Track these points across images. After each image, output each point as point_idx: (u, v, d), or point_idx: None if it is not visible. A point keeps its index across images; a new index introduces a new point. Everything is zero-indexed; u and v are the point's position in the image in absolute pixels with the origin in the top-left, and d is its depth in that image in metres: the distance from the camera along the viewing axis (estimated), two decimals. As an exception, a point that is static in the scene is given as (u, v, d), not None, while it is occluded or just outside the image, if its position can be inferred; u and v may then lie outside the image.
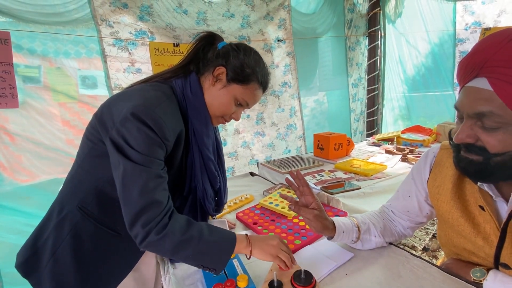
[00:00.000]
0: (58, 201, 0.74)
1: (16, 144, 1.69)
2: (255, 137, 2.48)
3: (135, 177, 0.61)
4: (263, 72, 0.77)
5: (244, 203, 1.23)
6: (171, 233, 0.60)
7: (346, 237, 0.77)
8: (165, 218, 0.61)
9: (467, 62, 0.56)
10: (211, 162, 0.80)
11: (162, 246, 0.60)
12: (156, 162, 0.63)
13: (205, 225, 0.66)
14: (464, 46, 2.39)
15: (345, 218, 0.81)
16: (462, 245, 0.68)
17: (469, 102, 0.55)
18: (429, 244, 1.79)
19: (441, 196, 0.70)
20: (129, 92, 0.70)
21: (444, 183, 0.70)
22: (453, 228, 0.69)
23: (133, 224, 0.60)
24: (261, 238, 0.70)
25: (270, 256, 0.67)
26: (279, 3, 2.41)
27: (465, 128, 0.56)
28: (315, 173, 1.42)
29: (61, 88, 1.80)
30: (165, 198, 0.63)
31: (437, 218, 0.77)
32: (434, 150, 0.78)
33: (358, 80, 3.06)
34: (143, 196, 0.60)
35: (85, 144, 0.72)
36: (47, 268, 0.70)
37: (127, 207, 0.61)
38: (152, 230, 0.59)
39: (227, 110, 0.76)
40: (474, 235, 0.63)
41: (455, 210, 0.67)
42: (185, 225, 0.63)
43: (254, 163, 2.49)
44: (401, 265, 0.74)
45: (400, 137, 1.98)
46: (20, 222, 1.66)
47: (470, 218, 0.64)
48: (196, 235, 0.62)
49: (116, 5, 1.74)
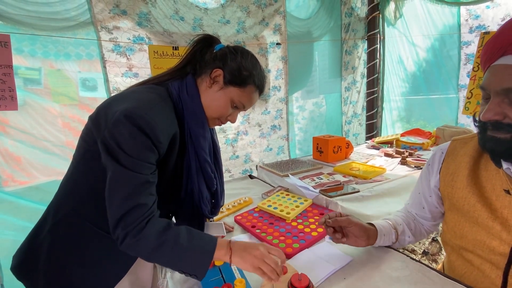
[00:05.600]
0: (53, 204, 0.74)
1: (16, 145, 1.69)
2: (238, 136, 2.52)
3: (122, 182, 0.61)
4: (260, 75, 0.77)
5: (242, 206, 1.22)
6: (146, 237, 0.60)
7: (387, 240, 0.79)
8: (143, 222, 0.60)
9: (494, 42, 0.58)
10: (207, 164, 0.80)
11: (138, 249, 0.60)
12: (146, 166, 0.63)
13: (184, 230, 0.63)
14: (470, 49, 2.38)
15: (381, 221, 0.82)
16: (473, 235, 0.66)
17: (496, 79, 0.56)
18: (429, 248, 1.77)
19: (456, 183, 0.70)
20: (123, 94, 0.70)
21: (459, 169, 0.71)
22: (468, 214, 0.67)
23: (115, 227, 0.60)
24: (244, 246, 0.65)
25: (251, 267, 0.62)
26: (275, 9, 2.44)
27: (493, 105, 0.56)
28: (314, 176, 1.42)
29: (61, 90, 1.81)
30: (149, 202, 0.63)
31: (446, 211, 0.76)
32: (441, 146, 0.79)
33: (352, 83, 3.08)
34: (127, 201, 0.60)
35: (80, 147, 0.72)
36: (42, 271, 0.69)
37: (111, 210, 0.61)
38: (129, 233, 0.59)
39: (223, 112, 0.76)
40: (491, 219, 0.62)
41: (471, 196, 0.66)
42: (161, 230, 0.61)
43: (234, 158, 2.54)
44: (400, 269, 0.74)
45: (400, 140, 1.97)
46: (20, 222, 1.67)
47: (487, 204, 0.64)
48: (171, 240, 0.61)
49: (115, 12, 1.77)
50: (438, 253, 1.72)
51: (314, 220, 1.01)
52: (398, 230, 0.81)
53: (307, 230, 0.94)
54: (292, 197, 1.20)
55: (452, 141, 0.77)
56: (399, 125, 3.10)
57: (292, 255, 0.82)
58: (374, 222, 0.79)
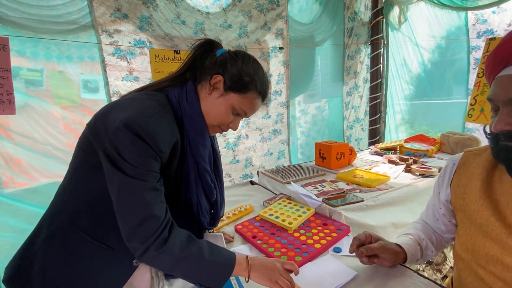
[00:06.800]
0: (48, 214, 0.71)
1: (16, 147, 1.68)
2: (239, 140, 2.50)
3: (130, 191, 0.60)
4: (262, 81, 0.75)
5: (243, 214, 1.19)
6: (170, 249, 0.59)
7: (413, 259, 0.77)
8: (165, 232, 0.60)
9: (495, 54, 0.58)
10: (207, 174, 0.78)
11: (160, 261, 0.60)
12: (152, 175, 0.62)
13: (206, 244, 0.65)
14: (479, 53, 2.34)
15: (404, 238, 0.80)
16: (486, 250, 0.64)
17: (502, 90, 0.56)
18: (433, 257, 1.74)
19: (468, 196, 0.68)
20: (122, 101, 0.68)
21: (471, 181, 0.69)
22: (481, 229, 0.65)
23: (130, 240, 0.60)
24: (262, 261, 0.67)
25: (269, 281, 0.64)
26: (277, 13, 2.42)
27: (503, 116, 0.56)
28: (317, 183, 1.39)
29: (63, 92, 1.80)
30: (162, 211, 0.62)
31: (459, 223, 0.74)
32: (453, 158, 0.77)
33: (353, 88, 3.05)
34: (140, 210, 0.59)
35: (78, 155, 0.69)
36: (35, 283, 0.67)
37: (124, 222, 0.60)
38: (151, 246, 0.58)
39: (224, 119, 0.74)
40: (506, 235, 0.60)
41: (484, 209, 0.64)
42: (185, 242, 0.62)
43: (235, 162, 2.53)
44: (407, 286, 0.71)
45: (403, 147, 1.94)
46: (19, 224, 1.65)
47: (502, 218, 0.61)
48: (196, 253, 0.61)
49: (116, 16, 1.76)
50: (443, 262, 1.68)
51: (317, 231, 0.98)
52: (422, 246, 0.79)
53: (310, 242, 0.91)
54: (294, 205, 1.17)
55: (464, 152, 0.75)
56: (402, 129, 3.06)
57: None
58: (400, 242, 0.77)
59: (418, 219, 0.91)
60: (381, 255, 0.73)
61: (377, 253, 0.73)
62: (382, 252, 0.73)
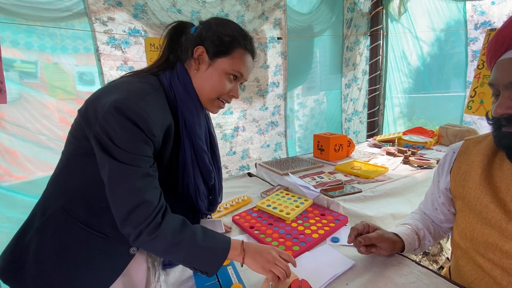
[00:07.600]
0: (41, 202, 0.70)
1: (12, 140, 1.66)
2: (235, 131, 2.49)
3: (122, 177, 0.58)
4: (243, 35, 0.71)
5: (240, 205, 1.19)
6: (163, 235, 0.59)
7: (411, 249, 0.77)
8: (158, 218, 0.59)
9: (496, 38, 0.57)
10: (204, 154, 0.75)
11: (154, 246, 0.60)
12: (144, 160, 0.60)
13: (199, 228, 0.64)
14: (477, 45, 2.32)
15: (402, 228, 0.80)
16: (485, 237, 0.64)
17: (503, 73, 0.56)
18: (429, 248, 1.75)
19: (468, 183, 0.68)
20: (113, 84, 0.66)
21: (472, 169, 0.68)
22: (480, 215, 0.65)
23: (123, 225, 0.59)
24: (257, 248, 0.66)
25: (262, 269, 0.63)
26: (275, 3, 2.38)
27: (503, 100, 0.56)
28: (315, 175, 1.38)
29: (58, 84, 1.77)
30: (155, 196, 0.61)
31: (458, 211, 0.73)
32: (453, 146, 0.77)
33: (352, 80, 3.02)
34: (132, 197, 0.58)
35: (70, 142, 0.68)
36: (29, 273, 0.65)
37: (116, 208, 0.59)
38: (143, 231, 0.58)
39: (221, 89, 0.71)
40: (505, 221, 0.59)
41: (484, 196, 0.64)
42: (179, 227, 0.61)
43: (231, 154, 2.52)
44: (405, 275, 0.70)
45: (402, 139, 1.94)
46: (16, 215, 1.64)
47: (501, 204, 0.61)
48: (188, 239, 0.61)
49: (110, 3, 1.71)
50: (439, 253, 1.69)
51: (314, 221, 0.98)
52: (419, 236, 0.79)
53: (308, 232, 0.91)
54: (292, 196, 1.17)
55: (464, 140, 0.75)
56: (400, 122, 3.06)
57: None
58: (398, 232, 0.77)
59: (417, 209, 0.91)
60: (379, 244, 0.73)
61: (375, 242, 0.73)
62: (380, 242, 0.73)
